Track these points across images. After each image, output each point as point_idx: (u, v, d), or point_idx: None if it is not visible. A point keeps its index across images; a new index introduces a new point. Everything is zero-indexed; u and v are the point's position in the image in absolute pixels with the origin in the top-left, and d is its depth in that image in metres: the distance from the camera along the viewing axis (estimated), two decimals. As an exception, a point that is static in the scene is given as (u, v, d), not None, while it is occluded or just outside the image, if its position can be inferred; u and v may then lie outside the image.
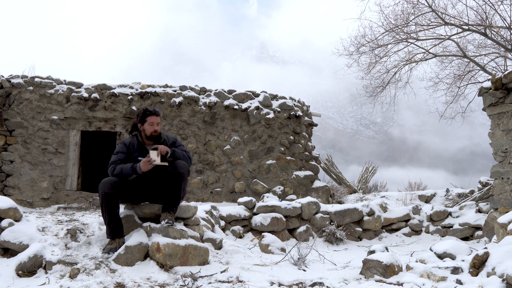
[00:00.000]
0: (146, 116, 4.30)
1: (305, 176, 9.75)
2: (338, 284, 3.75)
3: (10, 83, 9.26)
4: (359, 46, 12.23)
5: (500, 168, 6.65)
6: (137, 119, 4.38)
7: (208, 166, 9.50)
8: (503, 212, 6.17)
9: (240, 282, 3.70)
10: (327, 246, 6.57)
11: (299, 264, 4.49)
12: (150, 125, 4.31)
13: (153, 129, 4.31)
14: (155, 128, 4.32)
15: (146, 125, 4.31)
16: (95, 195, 8.71)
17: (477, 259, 3.52)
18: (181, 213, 4.50)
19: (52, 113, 9.28)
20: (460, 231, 7.15)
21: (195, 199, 9.24)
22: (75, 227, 4.33)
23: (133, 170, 4.08)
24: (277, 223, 6.59)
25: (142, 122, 4.33)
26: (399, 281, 3.66)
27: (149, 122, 4.30)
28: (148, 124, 4.31)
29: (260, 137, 9.70)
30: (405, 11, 11.53)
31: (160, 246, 3.91)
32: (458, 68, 12.72)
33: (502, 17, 10.83)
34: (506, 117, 6.58)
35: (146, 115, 4.30)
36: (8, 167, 9.10)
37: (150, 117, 4.29)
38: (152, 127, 4.31)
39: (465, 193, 8.85)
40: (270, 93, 10.13)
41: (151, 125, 4.31)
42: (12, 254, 3.89)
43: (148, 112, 4.30)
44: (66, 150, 9.33)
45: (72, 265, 3.67)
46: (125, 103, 9.35)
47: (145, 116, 4.30)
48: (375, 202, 7.73)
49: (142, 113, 4.32)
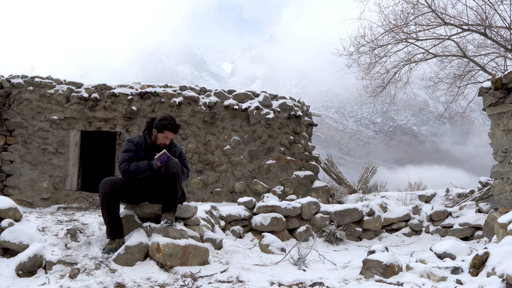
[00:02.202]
0: (166, 129, 4.36)
1: (305, 176, 9.75)
2: (338, 284, 3.75)
3: (10, 83, 9.26)
4: (359, 47, 12.24)
5: (500, 168, 6.65)
6: (156, 124, 4.40)
7: (208, 166, 9.49)
8: (503, 212, 6.17)
9: (240, 282, 3.70)
10: (327, 246, 6.57)
11: (299, 264, 4.50)
12: (164, 137, 4.41)
13: (164, 142, 4.42)
14: (166, 141, 4.43)
15: (161, 136, 4.40)
16: (95, 195, 8.71)
17: (477, 259, 3.52)
18: (181, 213, 4.51)
19: (52, 113, 9.28)
20: (460, 231, 7.15)
21: (195, 199, 9.24)
22: (75, 227, 4.33)
23: (150, 167, 4.20)
24: (277, 223, 6.59)
25: (158, 130, 4.39)
26: (399, 281, 3.66)
27: (165, 135, 4.39)
28: (162, 136, 4.40)
29: (260, 137, 9.69)
30: (405, 11, 11.54)
31: (160, 246, 3.91)
32: (458, 68, 12.73)
33: (502, 17, 10.83)
34: (506, 117, 6.58)
35: (166, 128, 4.36)
36: (8, 167, 9.09)
37: (168, 132, 4.37)
38: (165, 140, 4.42)
39: (465, 193, 8.85)
40: (270, 93, 10.13)
41: (165, 138, 4.41)
42: (12, 254, 3.89)
43: (170, 127, 4.36)
44: (66, 150, 9.33)
45: (72, 265, 3.67)
46: (125, 103, 9.35)
47: (165, 129, 4.36)
48: (375, 202, 7.74)
49: (165, 124, 4.35)
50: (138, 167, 4.20)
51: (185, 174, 4.46)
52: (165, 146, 4.47)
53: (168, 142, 4.45)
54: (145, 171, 4.21)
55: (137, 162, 4.26)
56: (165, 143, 4.42)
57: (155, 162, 4.21)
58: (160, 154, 4.22)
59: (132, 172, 4.19)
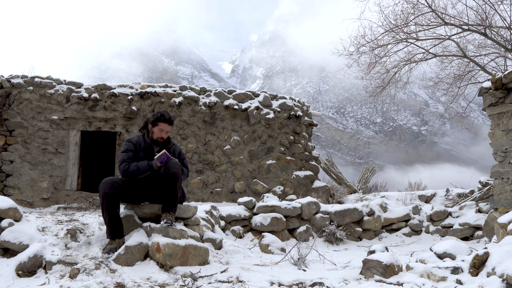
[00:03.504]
0: (159, 121, 4.35)
1: (305, 176, 9.75)
2: (338, 284, 3.75)
3: (10, 83, 9.26)
4: (359, 46, 12.23)
5: (500, 168, 6.65)
6: (150, 119, 4.41)
7: (208, 166, 9.49)
8: (503, 212, 6.17)
9: (240, 282, 3.70)
10: (327, 246, 6.57)
11: (299, 264, 4.49)
12: (159, 130, 4.38)
13: (160, 135, 4.40)
14: (163, 135, 4.40)
15: (156, 129, 4.38)
16: (95, 195, 8.71)
17: (477, 259, 3.51)
18: (181, 213, 4.51)
19: (52, 113, 9.28)
20: (460, 231, 7.15)
21: (195, 199, 9.24)
22: (75, 227, 4.33)
23: (149, 167, 4.19)
24: (277, 223, 6.59)
25: (153, 124, 4.39)
26: (399, 281, 3.66)
27: (160, 128, 4.38)
28: (158, 129, 4.38)
29: (260, 137, 9.69)
30: (405, 11, 11.53)
31: (160, 246, 3.91)
32: (458, 68, 12.72)
33: (502, 17, 10.83)
34: (506, 117, 6.58)
35: (160, 120, 4.35)
36: (8, 167, 9.09)
37: (162, 123, 4.36)
38: (161, 133, 4.39)
39: (465, 193, 8.85)
40: (270, 93, 10.13)
41: (161, 131, 4.39)
42: (12, 254, 3.89)
43: (163, 118, 4.34)
44: (66, 150, 9.33)
45: (72, 265, 3.67)
46: (125, 103, 9.35)
47: (158, 121, 4.35)
48: (375, 202, 7.73)
49: (158, 116, 4.36)
50: (138, 167, 4.20)
51: (185, 174, 4.46)
52: (163, 144, 4.45)
53: (165, 136, 4.42)
54: (145, 171, 4.21)
55: (137, 162, 4.26)
56: (162, 136, 4.39)
57: (155, 162, 4.20)
58: (160, 154, 4.21)
59: (132, 173, 4.19)
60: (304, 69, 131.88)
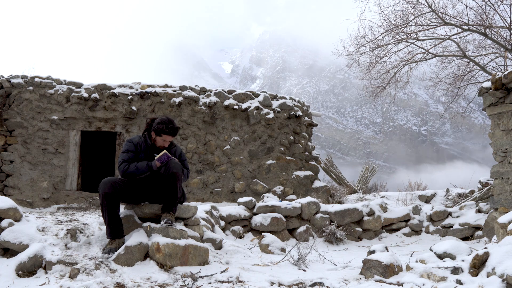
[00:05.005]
0: (164, 133, 4.35)
1: (305, 176, 9.75)
2: (338, 284, 3.75)
3: (10, 83, 9.26)
4: (359, 46, 12.23)
5: (500, 168, 6.65)
6: (155, 128, 4.37)
7: (208, 166, 9.49)
8: (503, 212, 6.17)
9: (240, 282, 3.70)
10: (327, 246, 6.57)
11: (299, 264, 4.50)
12: (163, 140, 4.40)
13: (163, 145, 4.42)
14: (165, 144, 4.43)
15: (159, 139, 4.40)
16: (95, 195, 8.71)
17: (477, 259, 3.52)
18: (181, 213, 4.51)
19: (52, 113, 9.28)
20: (460, 231, 7.15)
21: (195, 199, 9.23)
22: (75, 227, 4.33)
23: (149, 168, 4.20)
24: (277, 223, 6.59)
25: (157, 134, 4.38)
26: (399, 281, 3.66)
27: (163, 138, 4.39)
28: (161, 139, 4.40)
29: (260, 137, 9.69)
30: (405, 11, 11.53)
31: (160, 246, 3.91)
32: (458, 68, 12.73)
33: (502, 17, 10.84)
34: (506, 117, 6.58)
35: (164, 132, 4.34)
36: (8, 167, 9.09)
37: (166, 136, 4.36)
38: (164, 143, 4.42)
39: (465, 193, 8.85)
40: (270, 93, 10.12)
41: (164, 141, 4.41)
42: (12, 254, 3.89)
43: (167, 131, 4.33)
44: (66, 150, 9.33)
45: (72, 265, 3.67)
46: (125, 103, 9.35)
47: (163, 132, 4.34)
48: (375, 202, 7.73)
49: (162, 128, 4.33)
50: (138, 168, 4.21)
51: (185, 174, 4.46)
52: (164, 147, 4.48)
53: (167, 145, 4.45)
54: (144, 171, 4.22)
55: (137, 162, 4.26)
56: (164, 145, 4.43)
57: (154, 162, 4.21)
58: (161, 154, 4.22)
59: (131, 173, 4.20)
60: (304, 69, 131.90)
